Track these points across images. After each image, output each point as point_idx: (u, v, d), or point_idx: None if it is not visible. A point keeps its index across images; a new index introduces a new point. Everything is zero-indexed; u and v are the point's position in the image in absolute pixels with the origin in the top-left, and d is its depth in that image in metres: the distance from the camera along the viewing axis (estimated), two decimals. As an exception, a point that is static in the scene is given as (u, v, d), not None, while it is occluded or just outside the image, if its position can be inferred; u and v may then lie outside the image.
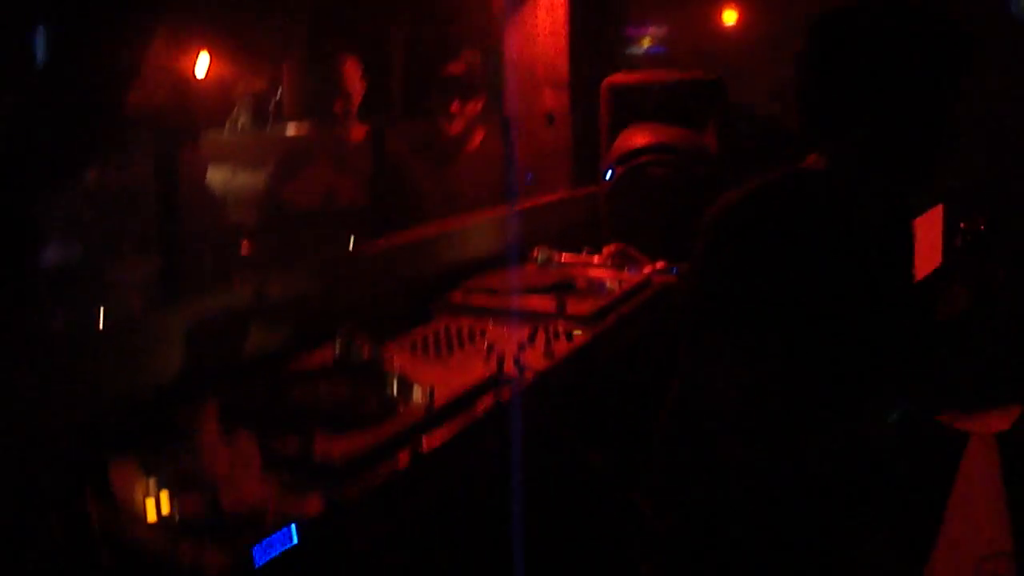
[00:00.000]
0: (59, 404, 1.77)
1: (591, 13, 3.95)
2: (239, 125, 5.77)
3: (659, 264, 3.11)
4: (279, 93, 5.86)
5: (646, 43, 5.02)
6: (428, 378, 1.94)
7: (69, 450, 1.74)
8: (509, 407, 1.98)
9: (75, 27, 1.62)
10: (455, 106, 4.05)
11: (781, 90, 4.23)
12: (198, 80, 4.87)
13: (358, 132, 3.87)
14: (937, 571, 1.84)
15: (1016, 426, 2.23)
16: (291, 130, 5.52)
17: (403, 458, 1.68)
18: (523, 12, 3.85)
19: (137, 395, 1.91)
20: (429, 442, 1.75)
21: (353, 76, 3.81)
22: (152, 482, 1.53)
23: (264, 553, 1.41)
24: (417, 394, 1.87)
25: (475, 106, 4.09)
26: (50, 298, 2.60)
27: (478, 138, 4.14)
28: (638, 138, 3.46)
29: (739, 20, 4.46)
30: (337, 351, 2.14)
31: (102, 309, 2.78)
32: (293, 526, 1.44)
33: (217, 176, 4.66)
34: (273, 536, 1.42)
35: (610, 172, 3.50)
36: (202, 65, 4.89)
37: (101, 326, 2.21)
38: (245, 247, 4.06)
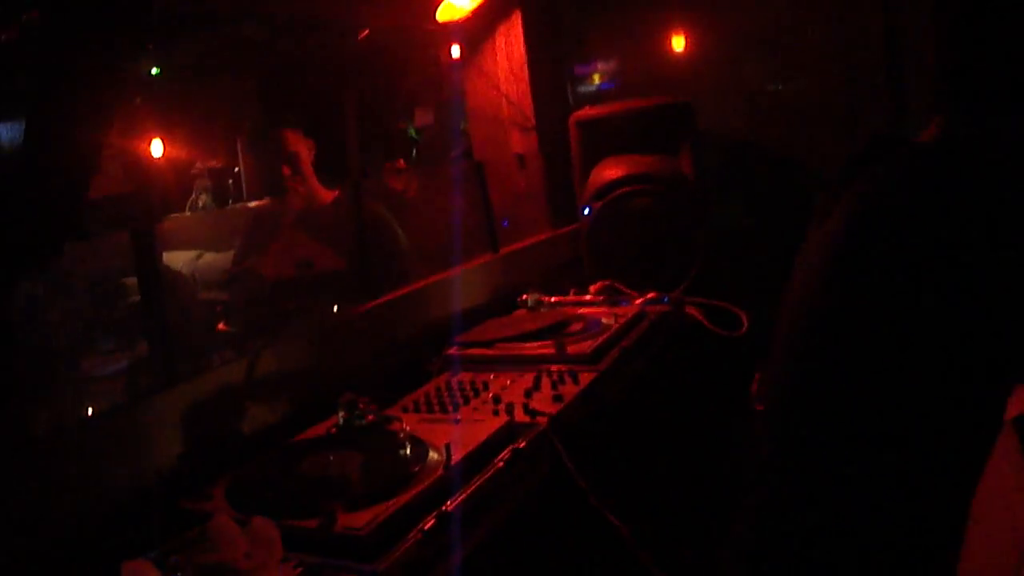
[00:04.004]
0: (58, 506, 1.68)
1: (547, 54, 3.92)
2: (200, 205, 5.71)
3: (650, 295, 3.06)
4: (236, 170, 5.81)
5: (596, 79, 5.00)
6: (439, 437, 1.87)
7: (75, 555, 1.65)
8: (527, 455, 1.90)
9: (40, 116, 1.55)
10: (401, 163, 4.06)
11: (748, 106, 4.24)
12: (154, 163, 4.81)
13: (325, 196, 3.80)
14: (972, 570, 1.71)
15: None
16: (252, 205, 5.47)
17: (429, 521, 1.59)
18: (482, 58, 3.81)
19: (138, 485, 1.82)
20: (454, 501, 1.66)
21: (296, 142, 3.77)
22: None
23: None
24: (432, 454, 1.80)
25: (405, 161, 4.11)
26: (29, 397, 2.51)
27: (414, 189, 4.13)
28: (612, 171, 3.43)
29: (687, 45, 4.44)
30: (340, 420, 2.06)
31: (86, 404, 2.69)
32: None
33: (183, 257, 4.60)
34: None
35: (588, 208, 3.45)
36: (157, 148, 4.83)
37: (88, 419, 2.11)
38: (224, 325, 3.99)
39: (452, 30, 3.49)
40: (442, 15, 3.21)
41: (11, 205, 1.49)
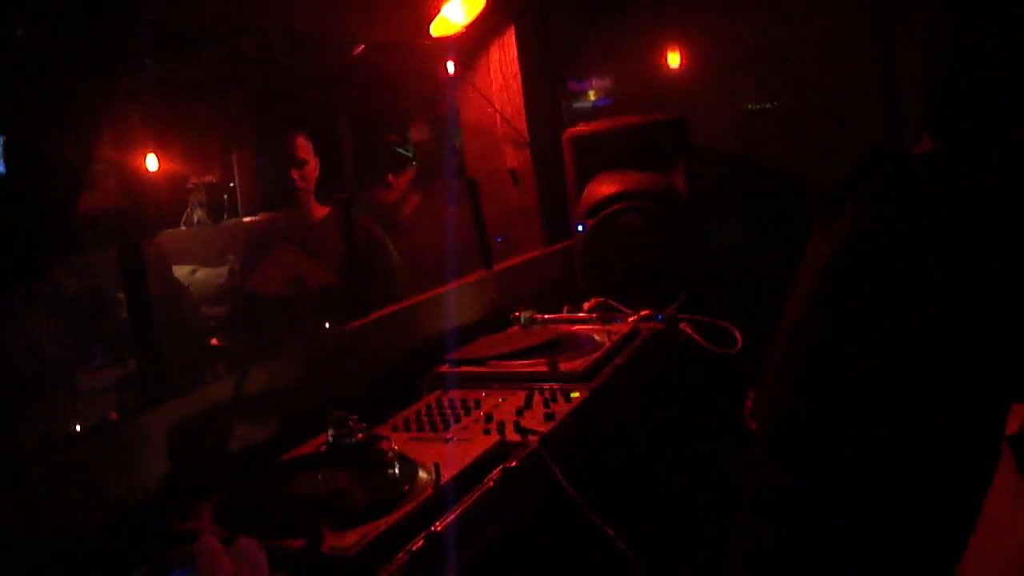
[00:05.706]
0: (45, 523, 1.66)
1: (541, 70, 3.92)
2: (195, 219, 5.72)
3: (644, 312, 3.04)
4: (231, 185, 5.82)
5: (592, 96, 5.00)
6: (429, 455, 1.85)
7: (61, 573, 1.63)
8: (518, 474, 1.88)
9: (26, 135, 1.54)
10: (390, 177, 4.06)
11: (742, 124, 4.24)
12: (149, 178, 4.80)
13: (319, 212, 3.81)
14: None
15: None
16: (247, 220, 5.47)
17: (418, 541, 1.57)
18: (476, 73, 3.81)
19: (125, 503, 1.80)
20: (443, 521, 1.65)
21: (307, 150, 3.76)
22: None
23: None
24: (422, 473, 1.78)
25: (406, 176, 4.12)
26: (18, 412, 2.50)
27: (412, 206, 4.14)
28: (606, 187, 3.42)
29: (683, 62, 4.46)
30: (329, 438, 2.04)
31: (75, 419, 2.67)
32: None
33: (179, 272, 4.59)
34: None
35: (581, 225, 3.44)
36: (152, 163, 4.81)
37: (76, 435, 2.10)
38: (217, 340, 3.98)
39: (446, 45, 3.48)
40: (436, 30, 3.20)
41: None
